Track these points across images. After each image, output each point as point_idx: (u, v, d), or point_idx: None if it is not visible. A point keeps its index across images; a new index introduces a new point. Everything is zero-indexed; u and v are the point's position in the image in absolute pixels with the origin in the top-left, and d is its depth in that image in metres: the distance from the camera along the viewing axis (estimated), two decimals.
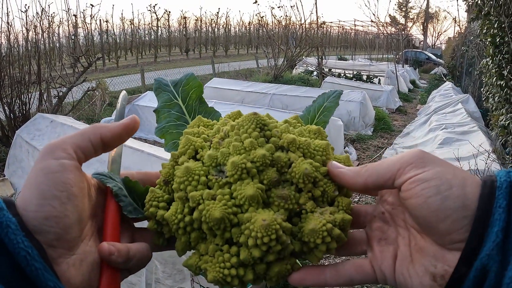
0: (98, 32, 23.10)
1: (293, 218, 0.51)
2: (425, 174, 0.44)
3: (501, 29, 4.78)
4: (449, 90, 11.88)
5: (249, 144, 0.52)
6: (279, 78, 14.37)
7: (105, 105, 10.09)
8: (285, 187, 0.52)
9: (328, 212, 0.51)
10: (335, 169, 0.54)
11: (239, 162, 0.50)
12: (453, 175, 0.44)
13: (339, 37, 38.78)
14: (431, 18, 47.08)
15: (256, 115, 0.55)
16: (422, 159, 0.46)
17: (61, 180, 0.46)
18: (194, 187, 0.52)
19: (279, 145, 0.54)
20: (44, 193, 0.44)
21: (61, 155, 0.47)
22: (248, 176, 0.51)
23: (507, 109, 4.91)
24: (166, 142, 0.69)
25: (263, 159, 0.51)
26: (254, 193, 0.49)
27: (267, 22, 20.93)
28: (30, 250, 0.40)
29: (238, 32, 38.51)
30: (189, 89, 0.72)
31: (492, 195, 0.41)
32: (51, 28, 9.61)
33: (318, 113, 0.71)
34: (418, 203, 0.44)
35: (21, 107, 6.25)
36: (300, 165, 0.51)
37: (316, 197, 0.52)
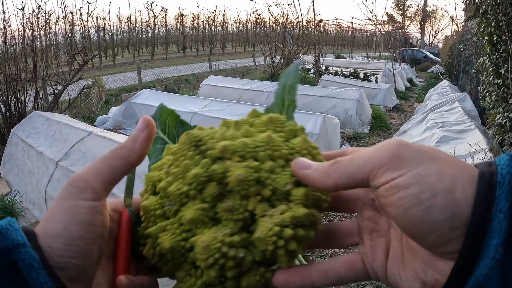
0: (95, 29, 23.06)
1: (250, 226, 0.48)
2: (402, 179, 0.37)
3: (498, 27, 4.78)
4: (446, 89, 11.89)
5: (183, 167, 0.51)
6: (276, 76, 14.36)
7: (102, 103, 10.06)
8: (230, 199, 0.49)
9: (277, 213, 0.46)
10: (298, 172, 0.47)
11: (174, 190, 0.50)
12: (437, 177, 0.36)
13: (336, 35, 38.80)
14: (428, 17, 47.10)
15: (188, 134, 0.53)
16: (398, 158, 0.39)
17: (90, 223, 0.45)
18: (153, 222, 0.52)
19: (216, 156, 0.51)
20: (72, 234, 0.44)
21: (91, 197, 0.47)
22: (189, 199, 0.50)
23: (504, 107, 4.91)
24: None
25: (196, 179, 0.49)
26: (193, 216, 0.48)
27: (264, 20, 20.91)
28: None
29: (235, 29, 38.50)
30: (164, 119, 0.72)
31: (491, 195, 0.34)
32: (47, 26, 9.56)
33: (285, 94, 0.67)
34: (398, 213, 0.38)
35: (16, 105, 6.22)
36: (234, 171, 0.48)
37: (267, 198, 0.48)
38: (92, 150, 4.22)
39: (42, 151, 4.52)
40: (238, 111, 7.05)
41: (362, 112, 8.77)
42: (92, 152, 4.18)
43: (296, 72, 0.68)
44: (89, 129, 4.67)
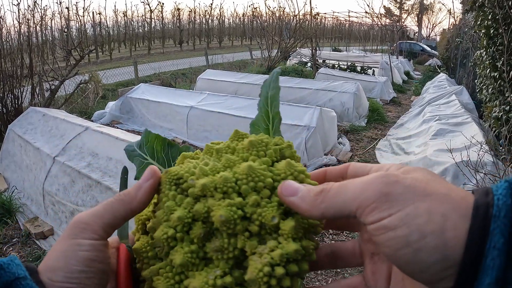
0: (91, 24, 22.97)
1: (243, 262, 0.47)
2: (389, 220, 0.36)
3: (495, 20, 4.78)
4: (443, 82, 11.89)
5: (166, 209, 0.50)
6: (273, 69, 14.33)
7: (98, 98, 10.05)
8: (218, 238, 0.48)
9: (267, 250, 0.45)
10: (285, 199, 0.46)
11: (160, 235, 0.49)
12: (427, 217, 0.35)
13: (333, 28, 38.73)
14: (425, 10, 47.04)
15: (167, 173, 0.52)
16: (386, 197, 0.37)
17: (90, 258, 0.47)
18: (147, 264, 0.52)
19: (197, 194, 0.49)
20: (72, 269, 0.45)
21: (91, 236, 0.48)
22: (176, 242, 0.49)
23: (500, 100, 4.92)
24: None
25: (180, 221, 0.48)
26: (182, 261, 0.48)
27: (261, 13, 20.88)
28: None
29: (232, 23, 38.41)
30: (151, 144, 0.71)
31: (485, 229, 0.33)
32: (43, 21, 9.54)
33: (269, 106, 0.65)
34: (387, 252, 0.37)
35: (13, 101, 6.21)
36: (216, 212, 0.46)
37: (256, 233, 0.47)
38: (89, 145, 4.22)
39: (39, 146, 4.52)
40: (235, 104, 7.04)
41: (359, 105, 8.77)
42: (89, 147, 4.18)
43: (276, 81, 0.66)
44: (85, 124, 4.66)
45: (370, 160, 6.53)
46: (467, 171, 3.80)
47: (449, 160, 4.48)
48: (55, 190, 4.01)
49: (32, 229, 4.02)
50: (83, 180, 3.78)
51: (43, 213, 4.22)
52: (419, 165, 5.49)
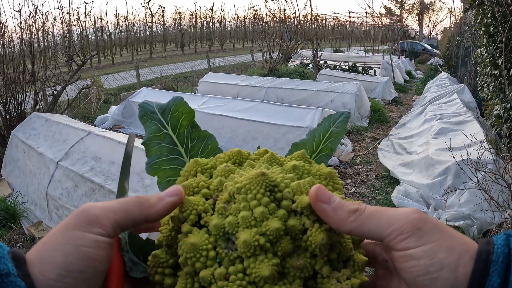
0: (93, 29, 23.04)
1: (308, 281, 0.49)
2: (416, 251, 0.41)
3: (494, 18, 4.78)
4: (445, 81, 11.88)
5: (259, 214, 0.47)
6: (275, 71, 14.37)
7: (101, 103, 10.08)
8: (300, 255, 0.48)
9: (344, 278, 0.48)
10: (317, 204, 0.47)
11: (251, 240, 0.46)
12: (447, 253, 0.41)
13: (334, 29, 38.71)
14: (426, 9, 46.98)
15: (264, 176, 0.49)
16: (418, 230, 0.42)
17: (91, 257, 0.43)
18: (203, 264, 0.48)
19: (292, 209, 0.49)
20: (70, 265, 0.42)
21: (98, 231, 0.44)
22: (262, 251, 0.47)
23: (501, 98, 4.92)
24: (160, 180, 0.63)
25: (277, 232, 0.46)
26: (270, 274, 0.45)
27: (262, 16, 20.90)
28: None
29: (233, 26, 38.45)
30: (179, 115, 0.66)
31: (485, 271, 0.39)
32: (45, 27, 9.58)
33: (324, 139, 0.66)
34: (407, 278, 0.42)
35: (16, 107, 6.24)
36: (317, 235, 0.47)
37: (331, 259, 0.49)
38: (92, 149, 4.25)
39: (43, 151, 4.54)
40: (237, 107, 7.05)
41: (360, 105, 8.78)
42: (91, 152, 4.20)
43: (344, 123, 0.67)
44: (88, 129, 4.69)
45: (372, 160, 6.54)
46: (468, 170, 3.81)
47: (451, 159, 4.48)
48: (58, 195, 4.04)
49: (36, 234, 4.04)
50: (86, 184, 3.80)
51: (47, 217, 4.24)
52: (421, 164, 5.50)
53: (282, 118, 6.31)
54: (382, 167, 6.17)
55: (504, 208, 3.10)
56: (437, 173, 4.91)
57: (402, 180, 5.42)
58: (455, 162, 4.28)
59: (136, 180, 3.28)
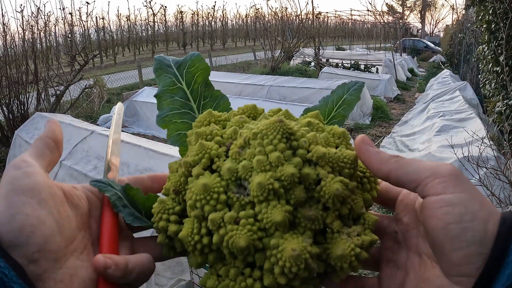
0: (95, 29, 23.06)
1: (317, 236, 0.48)
2: (452, 197, 0.41)
3: (496, 15, 4.78)
4: (447, 78, 11.86)
5: (275, 159, 0.46)
6: (277, 69, 14.37)
7: (103, 102, 10.10)
8: (312, 206, 0.47)
9: (355, 234, 0.47)
10: (363, 146, 0.50)
11: (266, 183, 0.45)
12: (479, 207, 0.41)
13: (336, 27, 38.67)
14: (428, 6, 46.89)
15: (282, 122, 0.48)
16: (455, 177, 0.43)
17: (27, 186, 0.42)
18: (213, 207, 0.47)
19: (307, 158, 0.48)
20: (13, 203, 0.40)
21: (23, 165, 0.44)
22: (275, 196, 0.46)
23: (503, 95, 4.92)
24: (170, 132, 0.63)
25: (291, 178, 0.46)
26: (282, 219, 0.44)
27: (264, 14, 20.89)
28: (6, 271, 0.37)
29: (235, 25, 38.40)
30: (195, 71, 0.65)
31: (510, 235, 0.39)
32: (47, 27, 9.61)
33: (337, 106, 0.66)
34: (438, 225, 0.42)
35: (19, 107, 6.26)
36: (331, 185, 0.46)
37: (342, 215, 0.48)
38: (95, 148, 4.26)
39: None
40: (239, 105, 7.04)
41: (363, 103, 8.77)
42: (95, 151, 4.22)
43: (358, 91, 0.67)
44: (91, 128, 4.71)
45: None
46: (470, 166, 3.81)
47: (453, 156, 4.48)
48: None
49: None
50: None
51: None
52: None
53: None
54: None
55: (505, 204, 3.10)
56: None
57: None
58: (457, 159, 4.28)
59: None
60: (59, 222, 0.43)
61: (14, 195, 0.41)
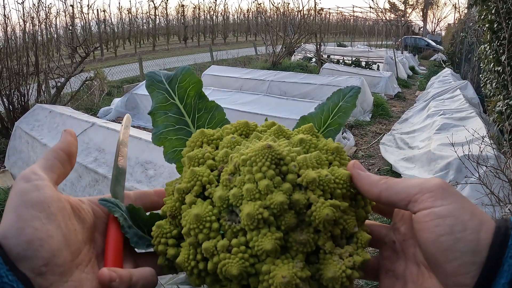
0: (96, 21, 23.03)
1: (310, 256, 0.49)
2: (441, 209, 0.42)
3: (498, 15, 4.78)
4: (448, 77, 11.86)
5: (264, 188, 0.47)
6: (278, 65, 14.35)
7: (104, 95, 10.10)
8: (304, 230, 0.48)
9: (347, 254, 0.48)
10: (353, 171, 0.51)
11: (255, 213, 0.46)
12: (470, 216, 0.41)
13: (338, 23, 38.63)
14: (430, 4, 46.82)
15: (271, 148, 0.48)
16: (443, 190, 0.43)
17: (37, 200, 0.43)
18: (206, 235, 0.48)
19: (297, 183, 0.49)
20: (22, 216, 0.41)
21: (33, 178, 0.45)
22: (265, 224, 0.46)
23: (504, 95, 4.92)
24: (166, 150, 0.64)
25: (281, 206, 0.46)
26: (272, 248, 0.45)
27: (265, 9, 20.87)
28: (15, 284, 0.38)
29: (236, 19, 38.38)
30: (187, 85, 0.65)
31: (504, 244, 0.39)
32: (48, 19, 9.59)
33: (332, 114, 0.65)
34: (430, 238, 0.42)
35: (19, 98, 6.25)
36: (321, 210, 0.47)
37: (335, 235, 0.49)
38: (96, 140, 4.26)
39: (46, 143, 4.56)
40: (240, 100, 7.07)
41: (363, 100, 8.77)
42: (95, 143, 4.22)
43: (354, 98, 0.67)
44: (92, 120, 4.71)
45: (375, 155, 6.55)
46: (469, 165, 3.82)
47: (453, 154, 4.49)
48: (62, 186, 4.06)
49: None
50: (90, 175, 3.82)
51: None
52: (423, 159, 5.51)
53: (285, 111, 6.30)
54: (384, 161, 6.18)
55: (504, 202, 3.11)
56: (439, 168, 4.92)
57: (404, 174, 5.43)
58: (457, 157, 4.29)
59: (140, 171, 3.30)
60: (66, 236, 0.44)
61: (23, 208, 0.42)
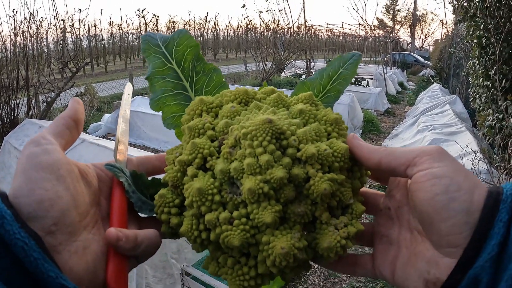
0: (87, 36, 23.00)
1: (307, 225, 0.51)
2: (438, 170, 0.44)
3: (486, 30, 4.84)
4: (437, 92, 11.98)
5: (265, 163, 0.48)
6: (268, 81, 14.40)
7: (94, 110, 10.06)
8: (302, 202, 0.49)
9: (342, 225, 0.50)
10: (354, 141, 0.53)
11: (256, 188, 0.47)
12: (464, 178, 0.43)
13: (327, 40, 38.96)
14: (418, 21, 47.41)
15: (271, 123, 0.49)
16: (440, 154, 0.46)
17: (47, 163, 0.45)
18: (208, 207, 0.49)
19: (296, 157, 0.50)
20: (33, 178, 0.43)
21: (43, 142, 0.47)
22: (265, 198, 0.48)
23: (493, 109, 4.97)
24: (164, 115, 0.64)
25: (280, 182, 0.47)
26: (272, 220, 0.47)
27: (256, 26, 20.97)
28: (27, 240, 0.39)
29: (226, 36, 38.53)
30: (184, 49, 0.65)
31: (496, 208, 0.41)
32: (39, 33, 9.57)
33: (332, 80, 0.66)
34: (425, 198, 0.44)
35: (9, 112, 6.21)
36: (319, 184, 0.48)
37: (331, 206, 0.51)
38: (86, 157, 4.23)
39: None
40: None
41: (353, 116, 8.81)
42: (85, 160, 4.18)
43: (354, 65, 0.67)
44: (82, 137, 4.67)
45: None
46: None
47: None
48: None
49: None
50: None
51: None
52: None
53: None
54: None
55: None
56: None
57: None
58: None
59: None
60: (75, 198, 0.46)
61: (33, 170, 0.44)
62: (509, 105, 4.38)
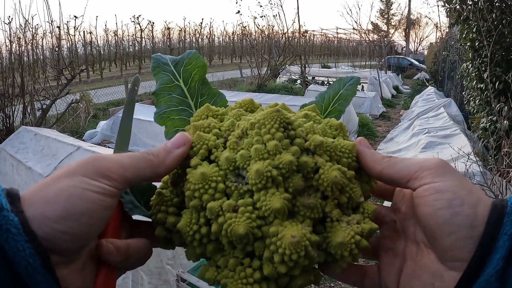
0: (82, 43, 22.98)
1: (316, 225, 0.48)
2: (440, 185, 0.44)
3: (479, 33, 4.87)
4: (431, 95, 12.02)
5: (273, 147, 0.46)
6: (263, 87, 14.42)
7: (90, 117, 10.05)
8: (311, 195, 0.48)
9: (354, 222, 0.48)
10: (359, 146, 0.53)
11: (264, 170, 0.45)
12: (468, 192, 0.43)
13: (322, 45, 39.03)
14: (413, 24, 47.53)
15: (279, 112, 0.49)
16: (442, 168, 0.45)
17: (97, 202, 0.42)
18: (211, 196, 0.47)
19: (305, 147, 0.49)
20: (74, 208, 0.40)
21: (107, 183, 0.44)
22: (273, 184, 0.46)
23: (487, 111, 5.00)
24: (167, 129, 0.63)
25: (289, 166, 0.46)
26: (281, 206, 0.44)
27: (250, 32, 21.02)
28: (31, 259, 0.36)
29: (221, 42, 38.54)
30: (192, 69, 0.65)
31: (500, 221, 0.41)
32: (34, 40, 9.56)
33: (333, 101, 0.67)
34: (428, 212, 0.44)
35: (4, 120, 6.19)
36: (329, 172, 0.47)
37: (341, 203, 0.49)
38: None
39: (31, 166, 4.51)
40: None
41: (349, 120, 8.82)
42: None
43: (354, 86, 0.68)
44: (77, 144, 4.67)
45: None
46: None
47: None
48: None
49: None
50: None
51: None
52: None
53: None
54: None
55: None
56: None
57: None
58: None
59: None
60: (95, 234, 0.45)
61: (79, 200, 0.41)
62: (503, 107, 4.41)
